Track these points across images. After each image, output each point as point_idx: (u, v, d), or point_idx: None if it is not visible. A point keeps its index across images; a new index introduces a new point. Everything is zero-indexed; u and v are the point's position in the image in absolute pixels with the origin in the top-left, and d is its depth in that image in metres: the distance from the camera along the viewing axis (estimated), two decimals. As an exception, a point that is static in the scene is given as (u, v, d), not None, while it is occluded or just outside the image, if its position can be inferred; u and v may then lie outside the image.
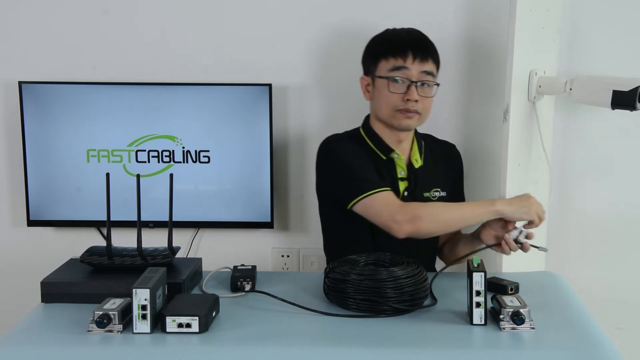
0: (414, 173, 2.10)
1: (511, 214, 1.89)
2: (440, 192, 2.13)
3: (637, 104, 1.94)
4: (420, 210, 1.91)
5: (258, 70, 2.43)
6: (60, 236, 2.56)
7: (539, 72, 2.21)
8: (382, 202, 1.94)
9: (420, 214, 1.89)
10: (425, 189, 2.11)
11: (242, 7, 2.42)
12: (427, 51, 2.03)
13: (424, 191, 2.11)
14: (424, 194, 2.10)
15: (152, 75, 2.44)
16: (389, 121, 2.05)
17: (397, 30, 2.10)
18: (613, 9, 2.36)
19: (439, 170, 2.15)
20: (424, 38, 2.07)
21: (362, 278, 1.71)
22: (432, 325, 1.65)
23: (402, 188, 2.09)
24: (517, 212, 1.89)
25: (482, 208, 1.91)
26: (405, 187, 2.09)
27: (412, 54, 2.01)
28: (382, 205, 1.94)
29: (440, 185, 2.13)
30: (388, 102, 2.02)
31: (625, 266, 2.48)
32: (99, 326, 1.58)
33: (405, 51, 2.01)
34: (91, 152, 2.43)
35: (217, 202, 2.46)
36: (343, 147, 2.07)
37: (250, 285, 1.86)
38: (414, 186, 2.09)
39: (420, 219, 1.88)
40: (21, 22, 2.46)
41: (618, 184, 2.45)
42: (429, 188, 2.11)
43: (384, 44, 2.06)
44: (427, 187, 2.11)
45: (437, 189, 2.12)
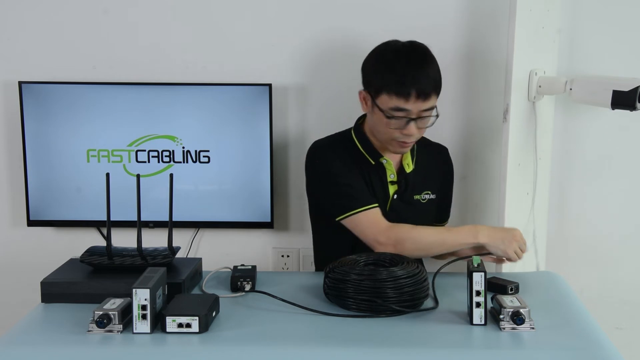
0: (405, 177, 2.10)
1: (491, 248, 1.94)
2: (430, 194, 2.14)
3: (637, 104, 1.94)
4: (404, 234, 1.95)
5: (258, 70, 2.43)
6: (60, 236, 2.56)
7: (539, 72, 2.21)
8: (368, 221, 1.99)
9: (404, 238, 1.94)
10: (416, 192, 2.12)
11: (242, 7, 2.42)
12: (430, 89, 1.95)
13: (415, 194, 2.11)
14: (414, 197, 2.11)
15: (152, 75, 2.44)
16: (384, 144, 2.06)
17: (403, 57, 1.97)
18: (613, 9, 2.36)
19: (429, 173, 2.15)
20: (430, 70, 1.97)
21: (362, 278, 1.71)
22: (432, 325, 1.65)
23: (392, 191, 2.09)
24: (498, 248, 1.94)
25: (465, 238, 1.95)
26: (395, 191, 2.10)
27: (415, 95, 1.93)
28: (367, 225, 1.99)
29: (431, 187, 2.14)
30: (385, 132, 2.01)
31: (625, 266, 2.48)
32: (99, 326, 1.58)
33: (408, 93, 1.93)
34: (91, 152, 2.43)
35: (217, 202, 2.46)
36: (330, 159, 2.08)
37: (250, 285, 1.86)
38: (403, 189, 2.10)
39: (404, 243, 1.93)
40: (21, 22, 2.45)
41: (618, 184, 2.45)
42: (420, 191, 2.12)
43: (388, 76, 1.95)
44: (418, 189, 2.12)
45: (428, 191, 2.13)
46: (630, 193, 2.46)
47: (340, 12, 2.39)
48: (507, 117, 2.14)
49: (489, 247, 1.94)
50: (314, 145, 2.13)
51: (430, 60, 1.99)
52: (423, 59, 1.98)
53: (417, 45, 2.01)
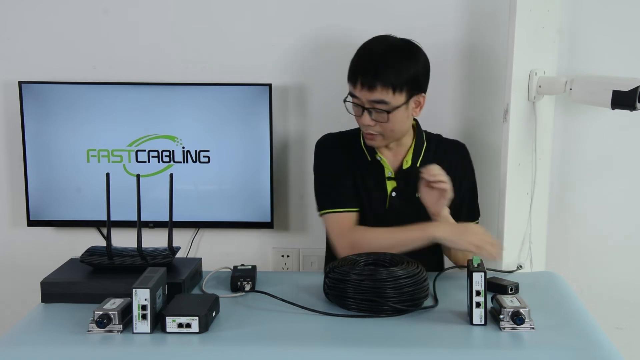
0: (402, 174, 2.10)
1: (449, 242, 1.96)
2: None
3: (637, 104, 1.94)
4: (358, 237, 2.02)
5: (258, 70, 2.43)
6: (60, 236, 2.56)
7: (539, 72, 2.21)
8: (334, 223, 2.08)
9: (359, 242, 1.99)
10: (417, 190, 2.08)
11: (242, 7, 2.42)
12: (375, 79, 1.93)
13: (417, 192, 2.06)
14: (416, 195, 2.06)
15: (152, 75, 2.44)
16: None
17: (368, 46, 2.00)
18: (613, 9, 2.36)
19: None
20: (379, 61, 1.96)
21: (362, 278, 1.71)
22: (432, 325, 1.65)
23: (390, 188, 2.10)
24: (455, 242, 1.95)
25: (416, 233, 1.96)
26: (393, 187, 2.10)
27: (360, 83, 1.95)
28: (332, 227, 2.08)
29: None
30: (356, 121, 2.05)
31: (625, 266, 2.48)
32: (99, 326, 1.58)
33: (355, 79, 1.97)
34: (91, 152, 2.43)
35: (217, 202, 2.46)
36: (325, 155, 2.15)
37: (250, 285, 1.86)
38: (403, 186, 2.09)
39: (359, 247, 1.95)
40: (21, 22, 2.45)
41: (618, 184, 2.45)
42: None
43: (351, 63, 2.01)
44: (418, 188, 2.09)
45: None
46: (630, 193, 2.46)
47: (340, 12, 2.39)
48: (507, 117, 2.14)
49: (446, 241, 1.95)
50: (319, 139, 2.18)
51: (394, 55, 1.97)
52: (384, 52, 1.98)
53: (393, 41, 2.02)
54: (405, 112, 2.00)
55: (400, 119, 2.00)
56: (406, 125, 2.05)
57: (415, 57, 2.00)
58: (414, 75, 1.97)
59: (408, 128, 2.07)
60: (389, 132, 2.02)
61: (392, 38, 2.03)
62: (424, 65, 2.02)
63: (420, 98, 2.02)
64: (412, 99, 1.99)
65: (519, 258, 2.24)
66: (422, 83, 2.01)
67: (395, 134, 2.04)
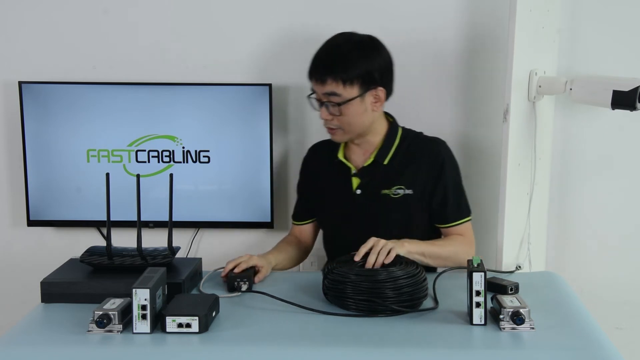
0: (363, 171, 2.11)
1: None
2: (404, 189, 2.08)
3: (637, 104, 1.94)
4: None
5: (258, 70, 2.43)
6: (60, 236, 2.55)
7: (539, 72, 2.21)
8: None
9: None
10: (385, 187, 2.09)
11: (242, 7, 2.42)
12: (325, 72, 1.98)
13: (383, 188, 2.09)
14: (381, 191, 2.09)
15: (152, 75, 2.44)
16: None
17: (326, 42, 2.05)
18: (613, 9, 2.36)
19: (408, 169, 2.10)
20: (329, 55, 2.01)
21: (361, 279, 1.71)
22: (432, 326, 1.65)
23: (355, 185, 2.12)
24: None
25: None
26: (357, 185, 2.12)
27: (314, 77, 2.01)
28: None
29: (406, 183, 2.08)
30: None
31: (625, 266, 2.48)
32: (99, 326, 1.58)
33: (311, 73, 2.03)
34: (91, 152, 2.43)
35: (217, 202, 2.46)
36: (302, 164, 2.28)
37: (247, 285, 1.86)
38: (365, 183, 2.11)
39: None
40: (21, 22, 2.45)
41: (618, 184, 2.45)
42: (390, 185, 2.09)
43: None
44: (387, 184, 2.09)
45: (401, 186, 2.08)
46: (630, 193, 2.46)
47: (340, 12, 2.39)
48: (507, 117, 2.14)
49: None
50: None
51: (347, 49, 2.00)
52: (338, 46, 2.02)
53: (353, 37, 2.04)
54: (360, 106, 2.01)
55: (356, 112, 2.02)
56: (363, 119, 2.04)
57: (371, 52, 2.02)
58: (366, 70, 1.99)
59: (368, 122, 2.06)
60: (346, 125, 2.04)
61: (354, 35, 2.05)
62: (381, 62, 2.03)
63: (379, 92, 2.02)
64: (367, 92, 2.01)
65: (518, 258, 2.24)
66: (376, 78, 2.01)
67: (354, 127, 2.05)
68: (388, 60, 2.05)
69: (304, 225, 2.27)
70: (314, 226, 2.28)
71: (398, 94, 2.30)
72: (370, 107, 2.03)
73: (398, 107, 2.37)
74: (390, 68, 2.06)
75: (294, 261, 2.22)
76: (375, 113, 2.06)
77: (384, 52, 2.05)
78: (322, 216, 2.22)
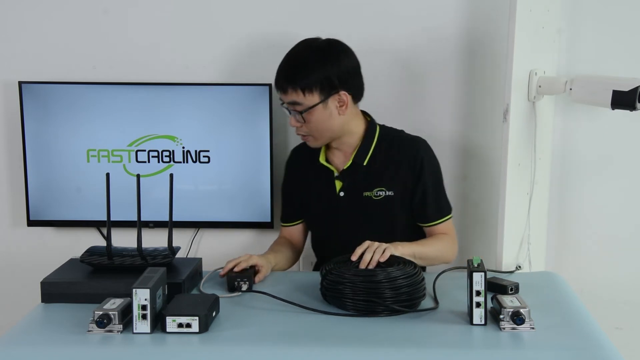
0: (344, 174, 2.12)
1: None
2: (385, 191, 2.09)
3: (637, 104, 1.94)
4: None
5: (258, 70, 2.43)
6: (60, 236, 2.55)
7: (539, 72, 2.21)
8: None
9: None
10: (366, 189, 2.10)
11: (242, 7, 2.42)
12: (284, 82, 2.03)
13: (365, 190, 2.10)
14: (363, 194, 2.10)
15: (152, 75, 2.44)
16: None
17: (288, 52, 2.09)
18: (613, 9, 2.36)
19: (388, 170, 2.10)
20: (287, 65, 2.05)
21: (359, 279, 1.71)
22: (432, 326, 1.65)
23: (338, 187, 2.14)
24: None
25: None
26: (340, 187, 2.13)
27: (277, 88, 2.06)
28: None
29: (386, 184, 2.09)
30: None
31: (625, 266, 2.48)
32: (99, 326, 1.58)
33: (274, 84, 2.07)
34: (91, 152, 2.43)
35: (217, 202, 2.46)
36: (286, 165, 2.30)
37: (247, 285, 1.86)
38: (347, 186, 2.12)
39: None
40: (21, 22, 2.45)
41: (618, 184, 2.44)
42: (371, 187, 2.10)
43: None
44: (368, 186, 2.10)
45: (382, 188, 2.09)
46: (630, 193, 2.46)
47: (340, 12, 2.39)
48: (507, 117, 2.14)
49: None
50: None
51: (303, 58, 2.04)
52: (295, 55, 2.06)
53: (312, 43, 2.07)
54: (323, 112, 2.03)
55: (320, 118, 2.03)
56: (330, 123, 2.05)
57: (328, 58, 2.03)
58: (324, 76, 2.00)
59: (337, 126, 2.07)
60: (314, 132, 2.06)
61: (314, 41, 2.07)
62: (339, 66, 2.03)
63: (342, 96, 2.03)
64: (329, 98, 2.02)
65: (518, 258, 2.24)
66: (336, 83, 2.01)
67: (323, 132, 2.07)
68: (350, 64, 2.06)
69: (292, 226, 2.28)
70: (303, 227, 2.28)
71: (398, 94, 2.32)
72: (335, 112, 2.04)
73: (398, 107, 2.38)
74: (353, 71, 2.06)
75: (290, 262, 2.23)
76: (343, 116, 2.06)
77: (344, 55, 2.05)
78: (309, 218, 2.24)
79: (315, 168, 2.17)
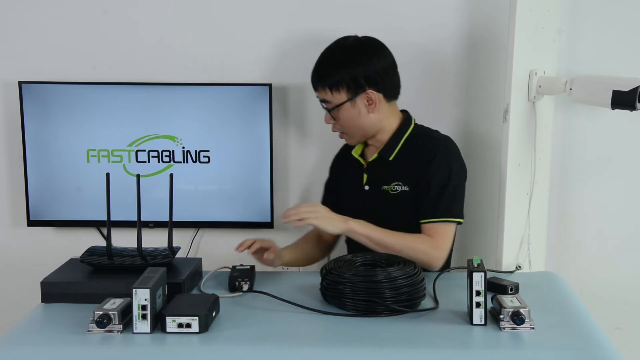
0: (369, 167, 2.15)
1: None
2: (402, 186, 2.08)
3: (637, 104, 1.94)
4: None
5: (258, 70, 2.43)
6: (60, 236, 2.55)
7: (539, 72, 2.21)
8: None
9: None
10: (385, 183, 2.11)
11: (242, 7, 2.42)
12: (317, 80, 2.07)
13: (383, 184, 2.11)
14: (382, 187, 2.11)
15: (152, 75, 2.44)
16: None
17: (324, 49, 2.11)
18: (613, 9, 2.36)
19: (407, 165, 2.09)
20: (320, 62, 2.08)
21: (359, 280, 1.71)
22: (432, 326, 1.65)
23: (364, 180, 2.15)
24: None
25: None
26: (366, 180, 2.15)
27: (312, 85, 2.10)
28: None
29: (403, 179, 2.09)
30: None
31: (625, 266, 2.48)
32: (99, 326, 1.58)
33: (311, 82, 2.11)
34: (91, 152, 2.43)
35: (217, 202, 2.46)
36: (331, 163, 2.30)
37: (248, 285, 1.86)
38: (370, 179, 2.14)
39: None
40: (21, 22, 2.45)
41: (618, 184, 2.45)
42: (389, 181, 2.10)
43: None
44: (388, 180, 2.10)
45: (399, 182, 2.09)
46: (630, 193, 2.46)
47: (341, 12, 2.39)
48: (507, 117, 2.14)
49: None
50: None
51: (333, 56, 2.07)
52: (327, 54, 2.09)
53: (345, 41, 2.08)
54: (352, 110, 2.05)
55: (349, 116, 2.06)
56: (360, 121, 2.07)
57: (356, 57, 2.04)
58: (350, 76, 2.02)
59: (368, 124, 2.08)
60: (347, 129, 2.09)
61: (346, 39, 2.09)
62: (367, 65, 2.03)
63: (371, 95, 2.03)
64: (357, 97, 2.03)
65: (518, 258, 2.24)
66: (362, 82, 2.02)
67: (354, 130, 2.09)
68: (381, 63, 2.05)
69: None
70: None
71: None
72: (365, 110, 2.05)
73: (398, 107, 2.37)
74: (384, 70, 2.06)
75: (310, 258, 2.23)
76: (375, 115, 2.06)
77: (375, 55, 2.05)
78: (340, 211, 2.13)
79: (351, 162, 2.20)
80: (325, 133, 2.18)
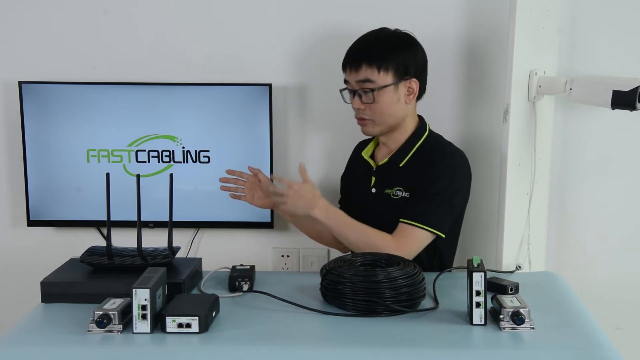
0: (378, 170, 2.15)
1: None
2: (403, 192, 2.08)
3: (637, 104, 1.94)
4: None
5: (258, 70, 2.43)
6: (60, 236, 2.55)
7: (539, 72, 2.21)
8: None
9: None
10: (389, 187, 2.10)
11: (242, 7, 2.42)
12: (360, 59, 2.02)
13: (387, 188, 2.11)
14: (385, 191, 2.11)
15: (152, 75, 2.44)
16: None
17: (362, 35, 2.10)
18: (613, 9, 2.36)
19: (411, 172, 2.09)
20: (364, 43, 2.06)
21: (359, 280, 1.71)
22: (432, 326, 1.65)
23: (372, 182, 2.15)
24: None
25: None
26: (373, 183, 2.14)
27: (348, 66, 2.06)
28: None
29: (405, 185, 2.08)
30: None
31: (625, 266, 2.48)
32: (99, 326, 1.58)
33: (344, 64, 2.07)
34: (91, 152, 2.43)
35: (217, 202, 2.45)
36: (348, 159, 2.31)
37: (248, 285, 1.86)
38: (377, 182, 2.14)
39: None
40: (21, 22, 2.45)
41: (618, 184, 2.44)
42: (392, 185, 2.10)
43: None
44: (391, 185, 2.10)
45: (400, 187, 2.08)
46: (630, 193, 2.46)
47: (341, 12, 2.39)
48: (507, 117, 2.14)
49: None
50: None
51: (383, 39, 2.06)
52: (374, 36, 2.07)
53: (389, 30, 2.10)
54: (393, 95, 2.03)
55: (389, 100, 2.03)
56: (396, 109, 2.06)
57: (405, 44, 2.06)
58: (401, 59, 2.03)
59: (399, 114, 2.07)
60: (378, 115, 2.05)
61: (389, 29, 2.10)
62: (416, 55, 2.06)
63: (413, 84, 2.04)
64: (401, 82, 2.03)
65: (518, 258, 2.24)
66: (411, 68, 2.04)
67: (386, 117, 2.06)
68: (424, 58, 2.10)
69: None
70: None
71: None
72: (403, 99, 2.06)
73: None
74: (425, 66, 2.10)
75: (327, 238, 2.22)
76: (407, 106, 2.07)
77: (421, 49, 2.09)
78: (349, 211, 2.13)
79: (362, 162, 2.20)
80: (326, 133, 2.18)
